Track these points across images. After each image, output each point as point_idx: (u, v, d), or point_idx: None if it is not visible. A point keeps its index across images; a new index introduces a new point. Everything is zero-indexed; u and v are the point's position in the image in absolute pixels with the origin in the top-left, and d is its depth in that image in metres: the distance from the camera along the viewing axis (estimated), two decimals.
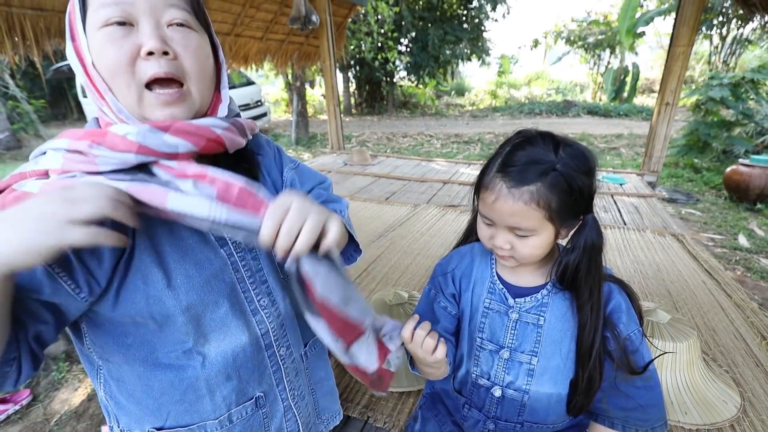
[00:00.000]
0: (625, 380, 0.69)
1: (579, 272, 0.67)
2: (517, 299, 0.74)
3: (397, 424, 1.11)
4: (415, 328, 0.65)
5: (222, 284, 0.58)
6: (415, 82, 13.05)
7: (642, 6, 10.42)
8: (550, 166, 0.61)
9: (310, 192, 0.76)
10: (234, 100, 0.63)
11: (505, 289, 0.75)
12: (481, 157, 6.82)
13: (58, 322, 0.49)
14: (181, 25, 0.51)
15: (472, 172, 4.12)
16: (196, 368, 0.58)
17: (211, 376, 0.59)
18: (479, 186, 0.69)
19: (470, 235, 0.86)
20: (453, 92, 16.19)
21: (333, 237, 0.51)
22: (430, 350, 0.64)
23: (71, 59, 0.52)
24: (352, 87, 13.50)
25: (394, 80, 13.08)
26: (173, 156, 0.49)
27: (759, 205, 4.02)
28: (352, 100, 13.56)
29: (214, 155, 0.55)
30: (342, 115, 5.25)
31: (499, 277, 0.77)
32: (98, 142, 0.46)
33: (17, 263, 0.38)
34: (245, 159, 0.64)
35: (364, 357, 0.58)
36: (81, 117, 10.57)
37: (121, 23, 0.48)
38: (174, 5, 0.51)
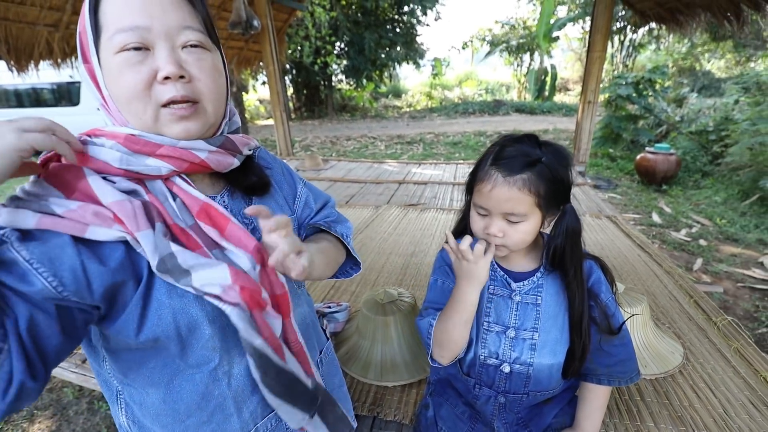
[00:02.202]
0: (606, 341, 0.82)
1: (564, 254, 0.78)
2: (517, 283, 0.83)
3: (406, 415, 1.16)
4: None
5: None
6: (354, 86, 13.15)
7: (555, 13, 11.59)
8: (537, 158, 0.71)
9: (321, 209, 0.78)
10: (237, 114, 0.65)
11: (506, 275, 0.84)
12: (425, 157, 7.07)
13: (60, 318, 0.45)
14: (195, 46, 0.52)
15: (423, 172, 4.28)
16: (222, 387, 0.57)
17: (238, 392, 0.58)
18: (474, 180, 0.77)
19: (462, 232, 0.93)
20: (390, 95, 16.56)
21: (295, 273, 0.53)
22: (482, 251, 0.74)
23: (85, 81, 0.52)
24: (290, 91, 13.24)
25: (333, 84, 13.06)
26: (158, 177, 0.52)
27: (664, 186, 4.70)
28: (291, 105, 13.30)
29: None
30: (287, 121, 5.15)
31: (499, 265, 0.86)
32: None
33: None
34: (254, 172, 0.65)
35: None
36: None
37: (138, 48, 0.48)
38: (188, 27, 0.51)
